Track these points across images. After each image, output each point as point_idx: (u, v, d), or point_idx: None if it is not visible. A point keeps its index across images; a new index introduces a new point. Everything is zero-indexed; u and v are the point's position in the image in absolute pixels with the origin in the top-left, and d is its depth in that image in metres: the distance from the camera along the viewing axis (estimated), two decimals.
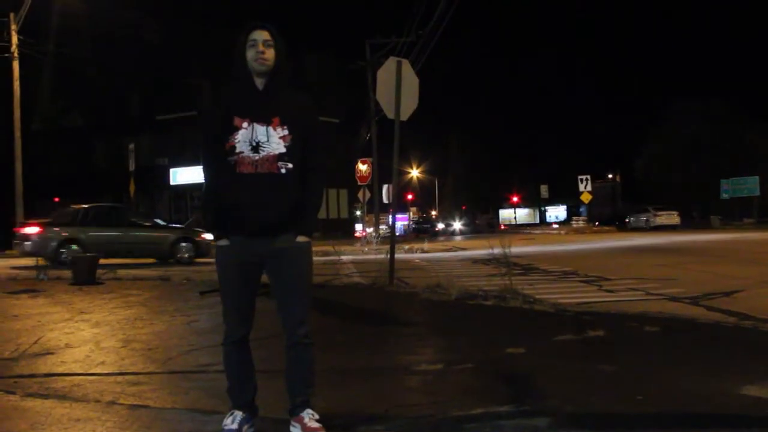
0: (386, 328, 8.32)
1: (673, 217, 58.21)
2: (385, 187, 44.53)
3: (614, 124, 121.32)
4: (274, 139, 4.15)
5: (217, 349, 5.40)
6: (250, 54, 4.19)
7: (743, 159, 71.38)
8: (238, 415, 4.25)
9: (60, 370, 6.36)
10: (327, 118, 55.37)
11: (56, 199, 55.21)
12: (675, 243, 29.59)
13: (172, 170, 53.86)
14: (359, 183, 37.42)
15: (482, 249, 24.06)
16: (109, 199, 51.51)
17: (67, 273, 14.01)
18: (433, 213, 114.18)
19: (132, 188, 37.49)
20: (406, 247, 33.23)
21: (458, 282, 13.29)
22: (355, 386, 5.59)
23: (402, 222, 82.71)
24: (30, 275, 14.92)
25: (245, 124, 4.15)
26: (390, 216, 16.60)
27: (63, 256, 21.50)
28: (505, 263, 11.73)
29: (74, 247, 21.99)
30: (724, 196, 68.05)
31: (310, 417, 4.24)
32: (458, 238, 26.42)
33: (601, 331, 7.62)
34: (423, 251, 31.24)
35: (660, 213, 58.83)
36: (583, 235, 51.38)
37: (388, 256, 12.99)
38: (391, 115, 12.46)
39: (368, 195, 38.17)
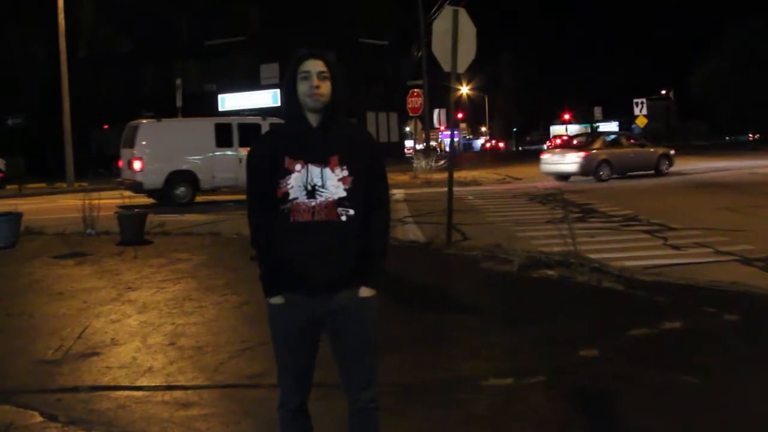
0: (447, 316, 7.87)
1: None
2: (435, 112, 43.75)
3: (670, 40, 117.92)
4: (332, 182, 3.56)
5: (270, 347, 4.92)
6: (302, 87, 3.58)
7: None
8: None
9: (105, 380, 6.05)
10: (375, 41, 54.46)
11: (106, 127, 55.21)
12: (736, 176, 28.55)
13: (220, 96, 53.39)
14: (411, 114, 36.67)
15: (536, 179, 23.54)
16: None
17: (115, 228, 13.71)
18: (483, 130, 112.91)
19: None
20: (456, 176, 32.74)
21: (517, 236, 12.85)
22: (416, 414, 5.18)
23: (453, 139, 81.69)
24: (78, 228, 14.59)
25: (298, 167, 3.56)
26: (447, 159, 16.07)
27: (601, 174, 27.51)
28: (565, 221, 11.16)
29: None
30: None
31: None
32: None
33: (677, 323, 7.14)
34: (475, 182, 30.73)
35: None
36: None
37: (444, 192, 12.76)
38: (447, 68, 11.80)
39: (420, 125, 37.52)
